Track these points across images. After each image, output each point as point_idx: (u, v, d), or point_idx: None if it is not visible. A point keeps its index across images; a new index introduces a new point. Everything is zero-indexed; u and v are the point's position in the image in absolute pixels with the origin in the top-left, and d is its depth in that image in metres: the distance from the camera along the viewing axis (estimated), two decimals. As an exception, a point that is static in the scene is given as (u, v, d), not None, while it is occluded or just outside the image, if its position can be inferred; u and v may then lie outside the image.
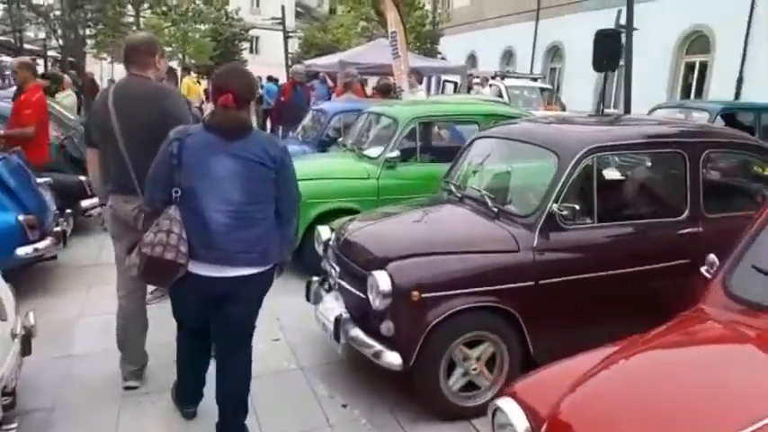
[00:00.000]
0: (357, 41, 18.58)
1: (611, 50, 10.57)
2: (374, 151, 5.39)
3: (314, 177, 5.09)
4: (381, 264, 3.01)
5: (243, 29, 32.16)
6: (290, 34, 23.37)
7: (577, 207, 3.05)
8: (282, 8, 20.16)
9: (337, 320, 3.15)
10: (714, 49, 18.61)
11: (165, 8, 18.67)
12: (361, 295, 3.09)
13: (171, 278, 2.50)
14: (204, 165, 2.46)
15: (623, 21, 13.06)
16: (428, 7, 19.60)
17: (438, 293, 2.88)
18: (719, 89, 18.04)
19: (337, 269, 3.38)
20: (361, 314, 3.12)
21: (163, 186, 2.50)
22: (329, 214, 4.99)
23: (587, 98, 21.90)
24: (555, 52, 26.20)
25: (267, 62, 33.58)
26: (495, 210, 3.33)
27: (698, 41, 19.43)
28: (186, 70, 15.25)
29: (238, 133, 2.50)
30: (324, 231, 3.83)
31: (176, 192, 2.46)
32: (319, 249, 3.86)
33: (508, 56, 29.17)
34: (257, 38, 39.31)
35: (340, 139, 6.37)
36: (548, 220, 3.10)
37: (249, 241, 2.50)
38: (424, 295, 2.85)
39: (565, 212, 3.06)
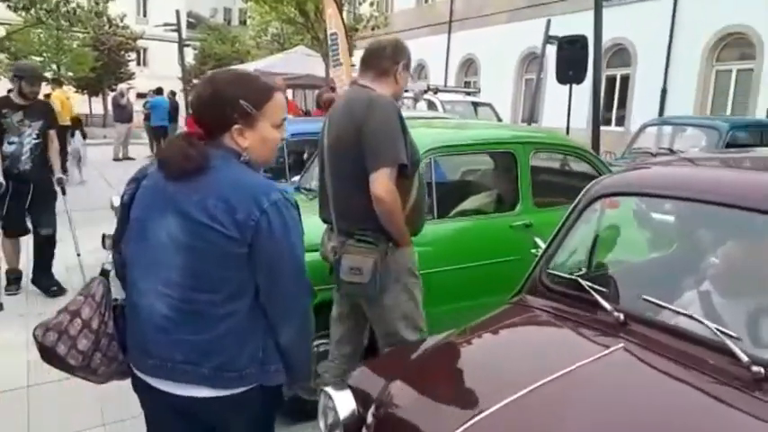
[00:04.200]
0: (266, 52, 16.40)
1: (576, 60, 9.29)
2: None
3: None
4: None
5: (130, 38, 28.88)
6: (187, 42, 20.72)
7: None
8: (177, 13, 17.60)
9: None
10: (636, 62, 18.28)
11: (25, 2, 15.22)
12: None
13: (82, 375, 1.74)
14: (144, 221, 1.66)
15: (553, 32, 12.15)
16: (363, 10, 17.44)
17: None
18: (641, 102, 17.72)
19: None
20: None
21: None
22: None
23: (505, 112, 21.18)
24: (469, 65, 25.49)
25: (157, 75, 30.57)
26: (759, 371, 1.52)
27: (618, 54, 19.06)
28: (56, 82, 12.37)
29: (181, 172, 1.58)
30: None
31: (111, 257, 1.81)
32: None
33: (420, 69, 28.30)
34: (145, 49, 35.94)
35: (294, 180, 4.33)
36: None
37: (196, 348, 1.58)
38: None
39: None
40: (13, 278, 5.15)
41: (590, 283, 2.00)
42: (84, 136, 11.54)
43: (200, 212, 1.54)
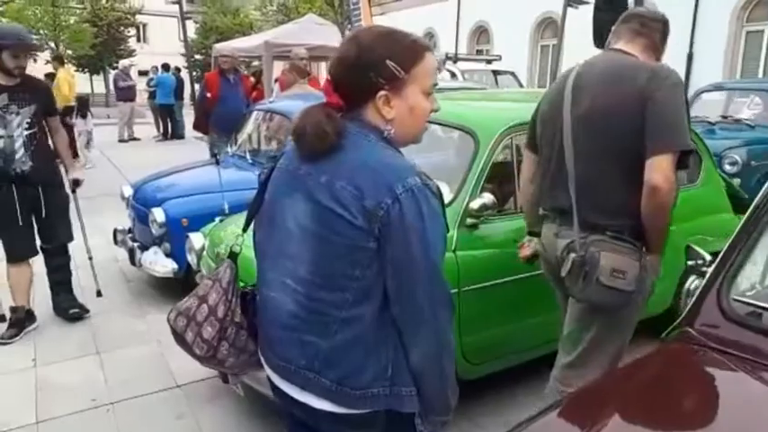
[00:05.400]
0: (271, 24, 15.58)
1: (615, 21, 8.51)
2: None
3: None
4: None
5: (128, 12, 28.04)
6: (188, 16, 19.90)
7: None
8: (177, -16, 16.75)
9: None
10: (660, 24, 17.44)
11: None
12: None
13: (210, 365, 1.65)
14: (273, 204, 1.50)
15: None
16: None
17: None
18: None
19: None
20: None
21: None
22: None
23: (521, 79, 20.48)
24: (481, 33, 24.62)
25: (158, 52, 29.72)
26: None
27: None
28: (59, 60, 11.63)
29: (312, 152, 1.38)
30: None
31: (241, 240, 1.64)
32: None
33: (429, 38, 27.46)
34: (144, 25, 34.99)
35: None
36: None
37: (321, 354, 1.40)
38: None
39: None
40: (16, 318, 3.91)
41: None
42: (92, 115, 10.95)
43: (327, 196, 1.36)
